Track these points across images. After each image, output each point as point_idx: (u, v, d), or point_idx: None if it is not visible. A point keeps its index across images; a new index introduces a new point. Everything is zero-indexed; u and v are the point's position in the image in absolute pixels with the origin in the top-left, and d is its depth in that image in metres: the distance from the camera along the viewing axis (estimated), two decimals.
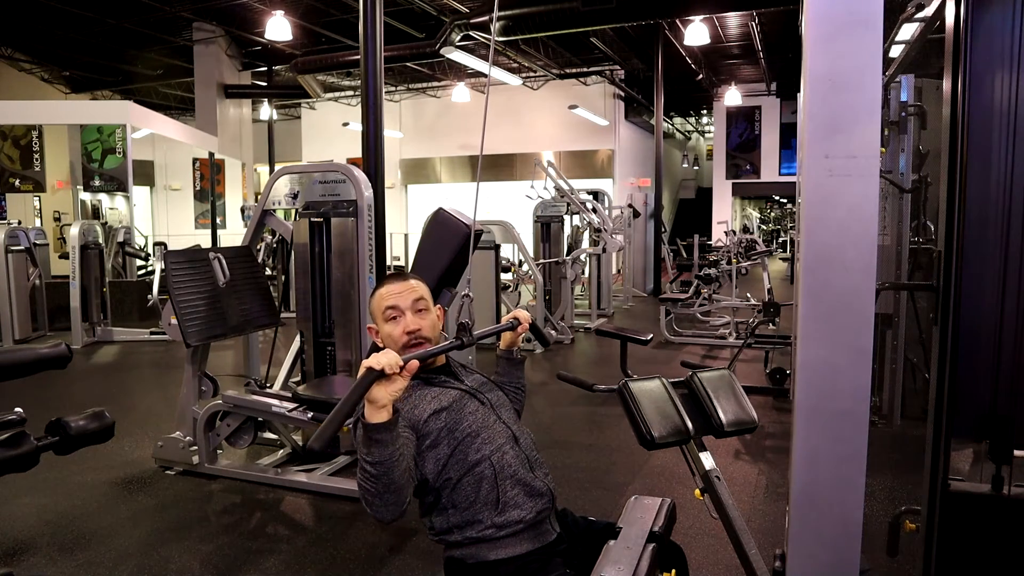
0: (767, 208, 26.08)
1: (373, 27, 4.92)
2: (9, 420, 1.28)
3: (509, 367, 2.02)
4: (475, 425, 1.70)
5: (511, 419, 1.80)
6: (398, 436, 1.46)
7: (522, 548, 1.65)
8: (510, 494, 1.65)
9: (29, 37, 12.77)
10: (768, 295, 6.85)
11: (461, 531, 1.65)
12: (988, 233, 1.74)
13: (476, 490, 1.65)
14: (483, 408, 1.76)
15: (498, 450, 1.69)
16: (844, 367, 1.68)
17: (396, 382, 1.42)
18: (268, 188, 4.22)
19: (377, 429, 1.42)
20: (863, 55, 1.62)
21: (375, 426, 1.42)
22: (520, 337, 1.98)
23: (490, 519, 1.63)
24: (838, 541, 1.72)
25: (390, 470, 1.44)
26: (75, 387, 6.07)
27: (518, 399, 2.02)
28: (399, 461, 1.46)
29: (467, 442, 1.67)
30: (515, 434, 1.76)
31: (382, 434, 1.42)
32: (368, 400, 1.41)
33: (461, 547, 1.67)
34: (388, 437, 1.43)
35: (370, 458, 1.43)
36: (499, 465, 1.67)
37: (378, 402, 1.41)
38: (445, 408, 1.70)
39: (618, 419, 4.58)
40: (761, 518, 3.35)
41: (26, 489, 3.66)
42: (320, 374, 4.22)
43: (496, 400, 1.82)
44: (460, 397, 1.75)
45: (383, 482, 1.45)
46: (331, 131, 17.97)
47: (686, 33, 10.87)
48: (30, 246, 7.91)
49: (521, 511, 1.65)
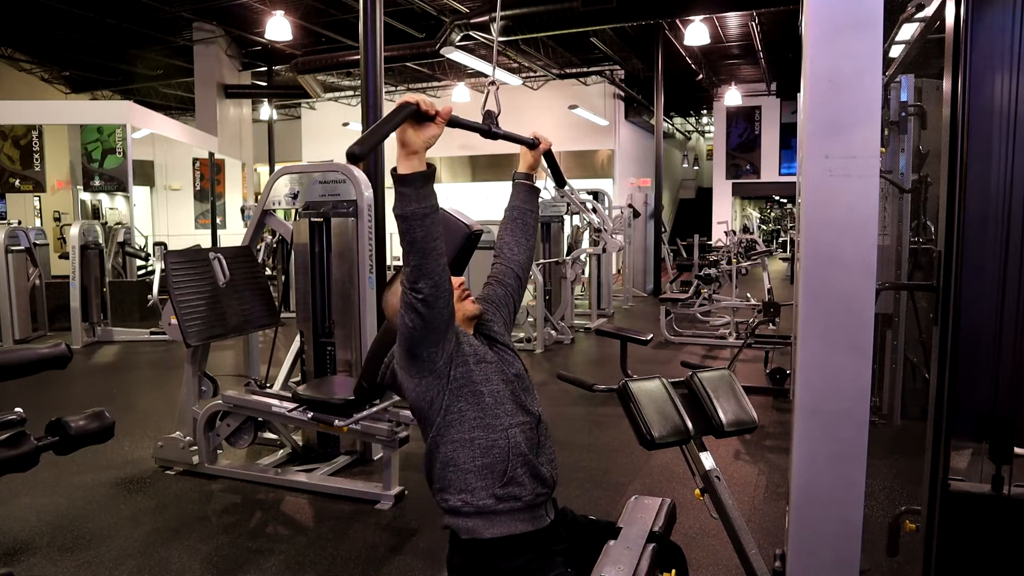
0: (767, 208, 26.06)
1: (373, 27, 4.93)
2: (9, 420, 1.28)
3: (528, 194, 2.02)
4: (503, 394, 1.71)
5: (533, 403, 1.79)
6: (429, 195, 1.49)
7: (517, 528, 1.65)
8: (518, 471, 1.65)
9: (29, 37, 12.77)
10: (768, 295, 6.85)
11: (460, 494, 1.65)
12: (988, 233, 1.74)
13: (485, 454, 1.64)
14: (510, 386, 1.75)
15: (517, 426, 1.69)
16: (844, 367, 1.68)
17: (429, 128, 1.46)
18: (268, 188, 4.22)
19: (405, 181, 1.46)
20: (863, 55, 1.62)
21: (404, 177, 1.46)
22: (540, 161, 2.00)
23: (491, 488, 1.63)
24: (838, 541, 1.72)
25: (412, 227, 1.48)
26: (75, 387, 6.07)
27: (533, 231, 2.03)
28: (423, 220, 1.49)
29: (491, 404, 1.67)
30: (538, 416, 1.76)
31: (409, 187, 1.47)
32: (400, 142, 1.45)
33: (458, 516, 1.66)
34: (414, 193, 1.47)
35: (396, 210, 1.48)
36: (513, 440, 1.67)
37: (410, 146, 1.45)
38: (484, 361, 1.72)
39: (618, 419, 4.57)
40: (761, 518, 3.35)
41: (26, 489, 3.66)
42: (320, 374, 4.22)
43: (522, 383, 1.80)
44: (499, 363, 1.76)
45: (408, 239, 1.49)
46: (331, 131, 17.96)
47: (686, 33, 10.86)
48: (30, 246, 7.91)
49: (523, 489, 1.65)
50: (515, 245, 1.98)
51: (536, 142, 1.95)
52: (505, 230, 2.00)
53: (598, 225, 9.02)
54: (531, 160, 1.99)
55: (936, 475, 1.77)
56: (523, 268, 1.98)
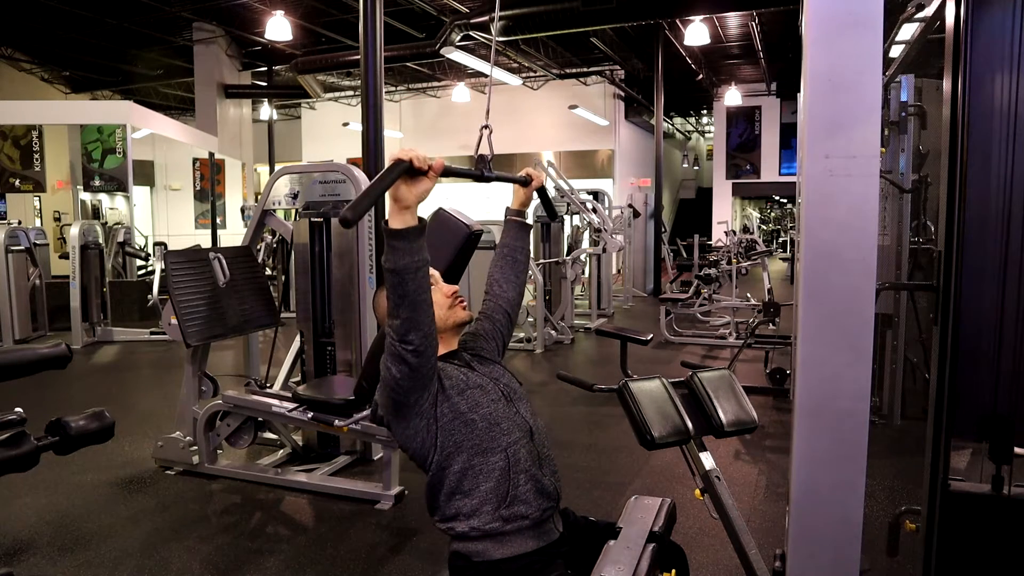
0: (767, 208, 26.05)
1: (373, 27, 4.92)
2: (9, 420, 1.28)
3: (520, 231, 2.05)
4: (496, 414, 1.70)
5: (528, 413, 1.79)
6: (420, 248, 1.48)
7: (527, 546, 1.65)
8: (521, 489, 1.65)
9: (29, 37, 12.77)
10: (768, 295, 6.85)
11: (468, 520, 1.64)
12: (988, 233, 1.74)
13: (487, 479, 1.64)
14: (503, 399, 1.75)
15: (515, 443, 1.68)
16: (844, 367, 1.68)
17: (422, 183, 1.45)
18: (268, 188, 4.22)
19: (398, 235, 1.45)
20: (863, 55, 1.62)
21: (397, 232, 1.45)
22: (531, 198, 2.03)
23: (497, 511, 1.63)
24: (838, 541, 1.72)
25: (404, 281, 1.47)
26: (75, 387, 6.07)
27: (524, 268, 2.06)
28: (414, 272, 1.48)
29: (485, 428, 1.67)
30: (532, 428, 1.76)
31: (402, 242, 1.45)
32: (393, 198, 1.44)
33: (467, 540, 1.66)
34: (407, 246, 1.46)
35: (388, 264, 1.47)
36: (514, 458, 1.66)
37: (403, 201, 1.44)
38: (470, 388, 1.71)
39: (618, 419, 4.58)
40: (761, 518, 3.35)
41: (26, 489, 3.66)
42: (320, 374, 4.22)
43: (514, 393, 1.81)
44: (485, 383, 1.75)
45: (399, 292, 1.48)
46: (331, 131, 17.96)
47: (686, 33, 10.86)
48: (30, 246, 7.91)
49: (528, 507, 1.65)
50: (505, 283, 2.01)
51: (528, 180, 1.98)
52: (496, 267, 2.04)
53: (598, 225, 9.02)
54: (523, 197, 2.03)
55: (936, 475, 1.77)
56: (513, 305, 2.02)
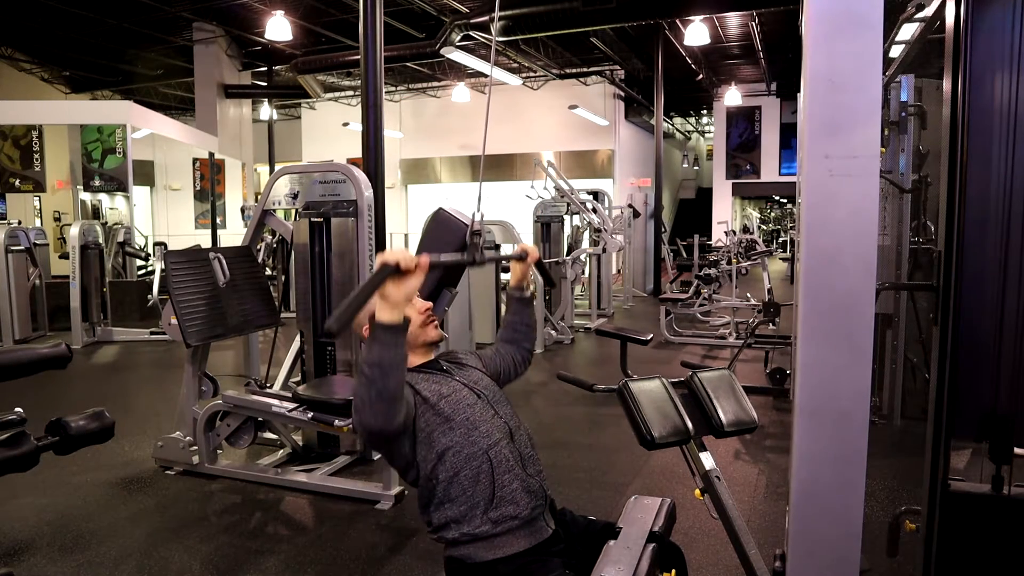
0: (767, 208, 26.05)
1: (373, 27, 4.92)
2: (9, 420, 1.28)
3: (520, 306, 2.09)
4: (474, 418, 1.72)
5: (508, 414, 1.81)
6: (403, 344, 1.48)
7: (519, 546, 1.65)
8: (507, 489, 1.66)
9: (29, 37, 12.77)
10: (768, 295, 6.85)
11: (458, 526, 1.66)
12: (988, 233, 1.74)
13: (473, 484, 1.66)
14: (480, 402, 1.77)
15: (496, 444, 1.70)
16: (844, 367, 1.68)
17: (409, 281, 1.45)
18: (268, 188, 4.22)
19: (385, 330, 1.45)
20: (863, 55, 1.62)
21: (384, 326, 1.45)
22: (529, 273, 2.05)
23: (485, 514, 1.64)
24: (838, 541, 1.72)
25: (386, 374, 1.46)
26: (75, 387, 6.07)
27: (529, 338, 2.11)
28: (396, 369, 1.47)
29: (464, 434, 1.69)
30: (511, 430, 1.77)
31: (388, 336, 1.45)
32: (381, 296, 1.44)
33: (459, 545, 1.67)
34: (393, 340, 1.46)
35: (370, 357, 1.46)
36: (496, 460, 1.68)
37: (390, 299, 1.44)
38: (445, 396, 1.73)
39: (618, 419, 4.57)
40: (761, 518, 3.35)
41: (26, 489, 3.66)
42: (320, 374, 4.22)
43: (493, 396, 1.83)
44: (460, 388, 1.78)
45: (377, 387, 1.46)
46: (331, 131, 17.96)
47: (686, 33, 10.86)
48: (30, 246, 7.91)
49: (517, 507, 1.66)
50: (517, 352, 2.10)
51: (524, 255, 1.98)
52: (503, 340, 2.11)
53: (598, 225, 9.02)
54: (520, 274, 2.06)
55: (936, 475, 1.77)
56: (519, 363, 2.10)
